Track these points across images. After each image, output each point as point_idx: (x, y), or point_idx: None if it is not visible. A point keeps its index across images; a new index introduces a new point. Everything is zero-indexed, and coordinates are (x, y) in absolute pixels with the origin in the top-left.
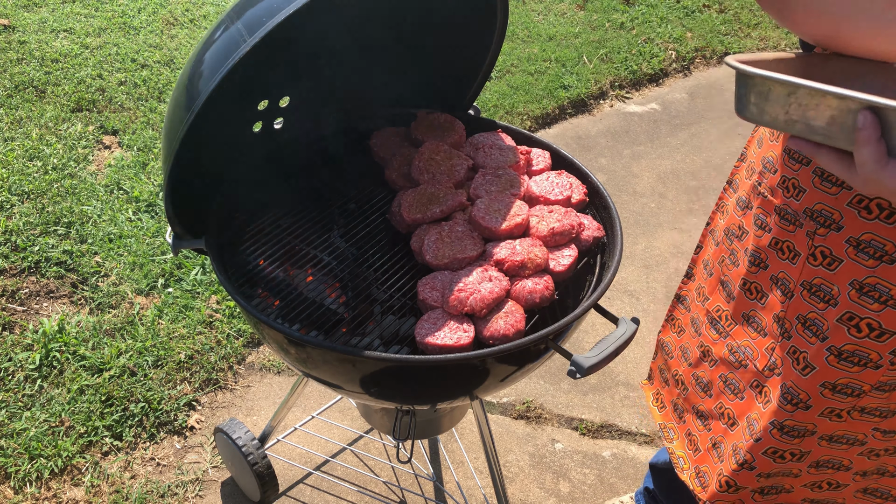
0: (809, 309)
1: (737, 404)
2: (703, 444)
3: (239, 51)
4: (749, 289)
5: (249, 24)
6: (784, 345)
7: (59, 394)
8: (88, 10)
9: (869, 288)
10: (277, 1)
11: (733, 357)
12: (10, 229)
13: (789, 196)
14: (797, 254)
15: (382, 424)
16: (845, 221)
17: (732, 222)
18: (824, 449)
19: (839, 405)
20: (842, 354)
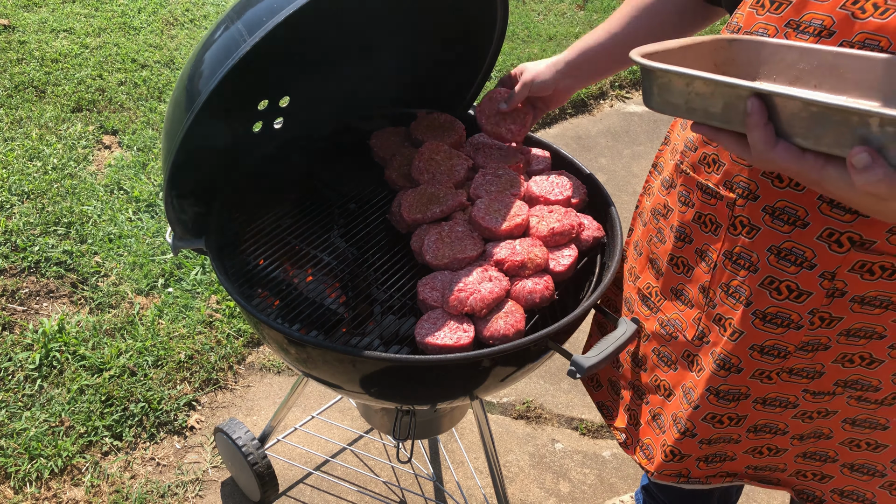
0: (731, 277)
1: (671, 375)
2: (643, 418)
3: (239, 51)
4: (676, 263)
5: (249, 24)
6: (710, 313)
7: (59, 394)
8: (88, 10)
9: (786, 252)
10: (278, 1)
11: (664, 330)
12: (10, 229)
13: (710, 171)
14: (718, 225)
15: (382, 424)
16: (761, 191)
17: (658, 202)
18: (759, 412)
19: (768, 367)
20: (766, 317)
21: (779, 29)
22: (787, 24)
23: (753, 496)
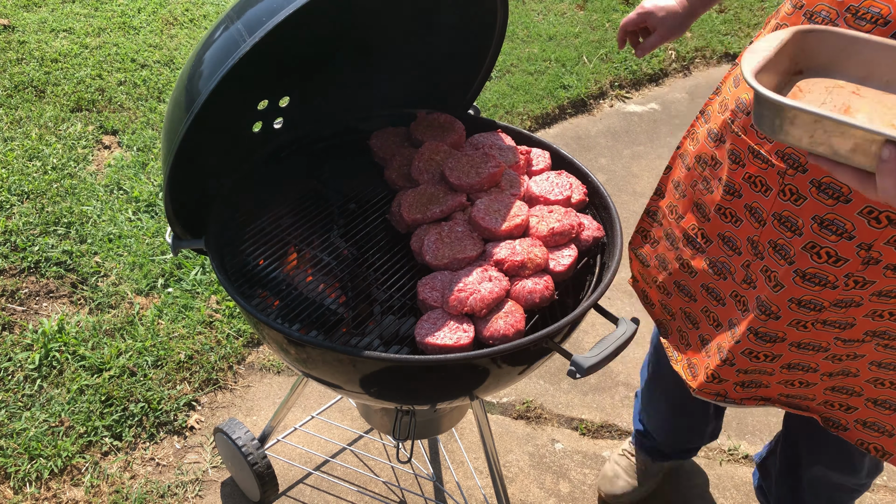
0: (779, 236)
1: (720, 309)
2: (693, 340)
3: (238, 51)
4: (724, 213)
5: (249, 24)
6: (758, 264)
7: (58, 394)
8: (88, 10)
9: (828, 223)
10: (278, 1)
11: (713, 269)
12: (9, 229)
13: (761, 138)
14: (769, 188)
15: (382, 424)
16: (809, 165)
17: (704, 151)
18: (794, 354)
19: (804, 318)
20: (805, 276)
21: (839, 13)
22: (847, 10)
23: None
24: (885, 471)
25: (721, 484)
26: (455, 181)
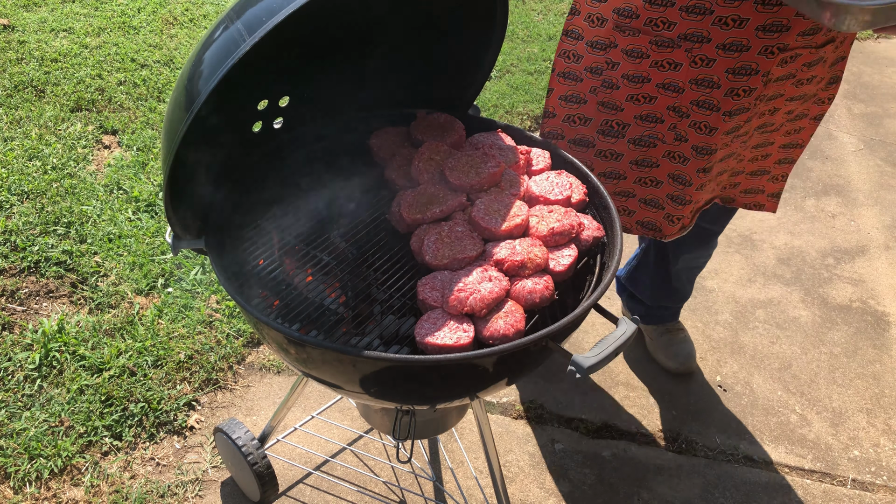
0: (699, 94)
1: (655, 171)
2: (634, 206)
3: (238, 51)
4: (635, 98)
5: (249, 24)
6: (685, 121)
7: (58, 394)
8: (88, 10)
9: (739, 69)
10: (278, 1)
11: (639, 145)
12: (9, 229)
13: (659, 29)
14: (679, 64)
15: (382, 424)
16: (712, 35)
17: (594, 62)
18: (721, 163)
19: (731, 143)
20: (731, 113)
21: None
22: None
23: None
24: (885, 471)
25: (721, 484)
26: (455, 181)
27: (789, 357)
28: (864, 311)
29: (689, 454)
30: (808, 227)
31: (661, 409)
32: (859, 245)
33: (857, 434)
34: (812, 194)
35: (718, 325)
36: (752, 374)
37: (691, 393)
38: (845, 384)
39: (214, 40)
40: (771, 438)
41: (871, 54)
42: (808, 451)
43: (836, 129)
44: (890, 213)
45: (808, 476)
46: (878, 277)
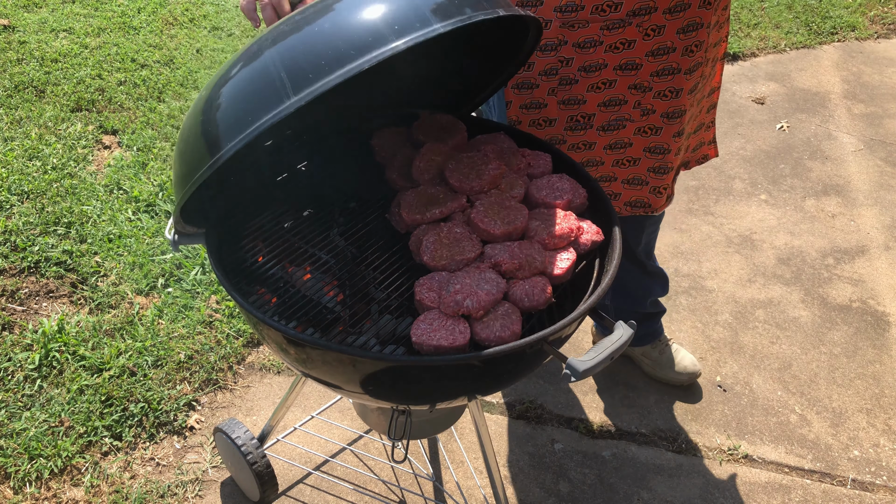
0: (657, 63)
1: (630, 150)
2: (618, 188)
3: (280, 110)
4: (595, 87)
5: (295, 78)
6: (648, 94)
7: (58, 394)
8: (88, 10)
9: (687, 26)
10: (327, 56)
11: (608, 130)
12: (9, 229)
13: (607, 14)
14: (632, 41)
15: (379, 424)
16: (658, 3)
17: (547, 65)
18: (690, 112)
19: (695, 97)
20: (691, 70)
21: None
22: None
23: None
24: (885, 471)
25: (721, 484)
26: (455, 183)
27: (789, 357)
28: (864, 311)
29: (689, 454)
30: (808, 227)
31: (661, 409)
32: (859, 245)
33: (857, 434)
34: (812, 194)
35: (718, 325)
36: (752, 374)
37: (691, 393)
38: (845, 384)
39: (250, 79)
40: (771, 438)
41: (871, 54)
42: (808, 451)
43: (836, 129)
44: (890, 213)
45: (808, 476)
46: (878, 277)
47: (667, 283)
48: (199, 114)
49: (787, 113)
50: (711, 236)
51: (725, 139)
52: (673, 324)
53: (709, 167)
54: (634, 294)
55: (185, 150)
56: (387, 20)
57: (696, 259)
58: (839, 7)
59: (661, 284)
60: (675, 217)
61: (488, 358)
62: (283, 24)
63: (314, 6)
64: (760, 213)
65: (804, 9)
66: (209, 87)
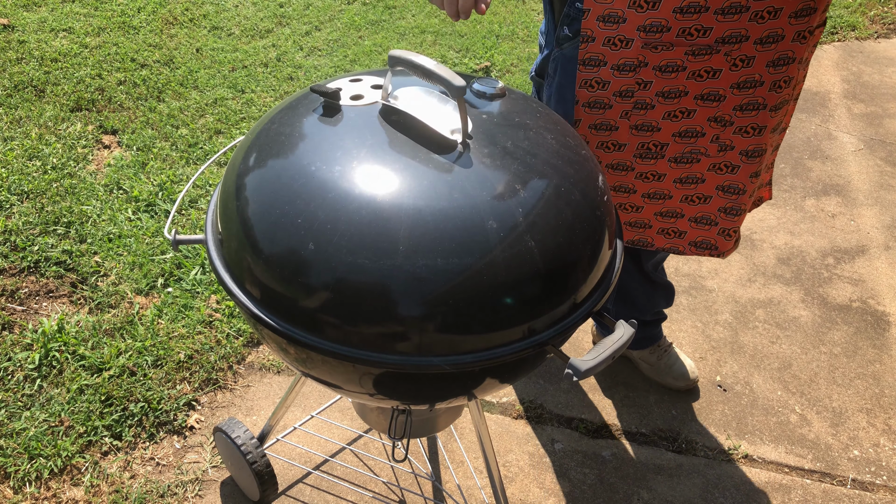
0: (742, 97)
1: (702, 186)
2: (684, 226)
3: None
4: (672, 115)
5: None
6: (728, 129)
7: (58, 394)
8: (88, 10)
9: (777, 60)
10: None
11: (680, 162)
12: (9, 229)
13: (694, 38)
14: (718, 70)
15: (378, 423)
16: (750, 32)
17: (622, 85)
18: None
19: (778, 137)
20: (777, 107)
21: None
22: None
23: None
24: (885, 471)
25: (721, 484)
26: None
27: (789, 357)
28: (864, 311)
29: (689, 454)
30: (808, 226)
31: (661, 409)
32: (859, 245)
33: (857, 434)
34: (812, 194)
35: (718, 324)
36: (752, 374)
37: (691, 393)
38: (845, 384)
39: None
40: (771, 438)
41: (871, 54)
42: (808, 451)
43: (836, 129)
44: (890, 213)
45: (808, 476)
46: (878, 277)
47: (672, 295)
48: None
49: None
50: None
51: None
52: (673, 324)
53: None
54: (638, 304)
55: (266, 225)
56: None
57: (696, 259)
58: (839, 7)
59: (665, 297)
60: None
61: (490, 358)
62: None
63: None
64: (760, 212)
65: None
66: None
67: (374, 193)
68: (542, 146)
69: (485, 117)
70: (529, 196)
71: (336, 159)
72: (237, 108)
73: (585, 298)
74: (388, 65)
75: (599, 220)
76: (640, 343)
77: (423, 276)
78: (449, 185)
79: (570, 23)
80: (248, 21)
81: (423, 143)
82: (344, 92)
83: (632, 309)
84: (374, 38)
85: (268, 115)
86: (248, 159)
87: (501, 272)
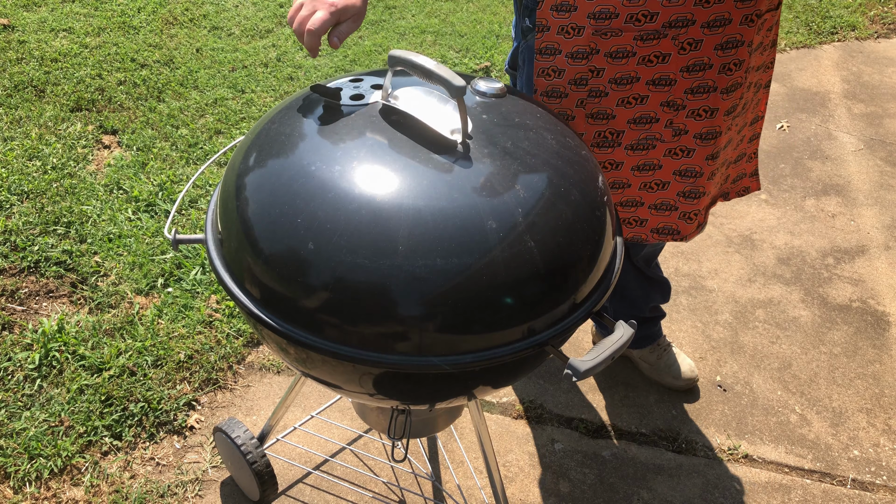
0: (692, 80)
1: (659, 173)
2: (645, 214)
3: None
4: (626, 101)
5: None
6: (681, 113)
7: (58, 394)
8: (88, 10)
9: (726, 44)
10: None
11: (637, 149)
12: (9, 229)
13: (641, 23)
14: (667, 55)
15: (378, 423)
16: (696, 16)
17: (577, 72)
18: (726, 136)
19: (731, 120)
20: (728, 90)
21: None
22: None
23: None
24: (885, 471)
25: (721, 484)
26: None
27: (789, 357)
28: (864, 311)
29: (689, 454)
30: (808, 226)
31: (661, 409)
32: (859, 245)
33: (857, 434)
34: (812, 194)
35: (718, 325)
36: (752, 374)
37: (691, 393)
38: (845, 384)
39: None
40: (771, 438)
41: (871, 54)
42: (808, 451)
43: (836, 129)
44: (890, 213)
45: (808, 476)
46: (878, 277)
47: (668, 290)
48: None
49: (787, 113)
50: (711, 236)
51: None
52: (673, 323)
53: None
54: (634, 299)
55: (274, 228)
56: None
57: (696, 259)
58: (839, 7)
59: (661, 292)
60: None
61: (490, 358)
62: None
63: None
64: (760, 212)
65: (804, 8)
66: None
67: (374, 193)
68: (542, 146)
69: (485, 117)
70: (529, 196)
71: (336, 159)
72: (237, 108)
73: (585, 298)
74: (388, 65)
75: (599, 221)
76: (639, 342)
77: (423, 275)
78: (448, 185)
79: (530, 14)
80: (248, 21)
81: (422, 143)
82: (344, 92)
83: (628, 305)
84: (374, 38)
85: (268, 115)
86: (248, 159)
87: (501, 272)
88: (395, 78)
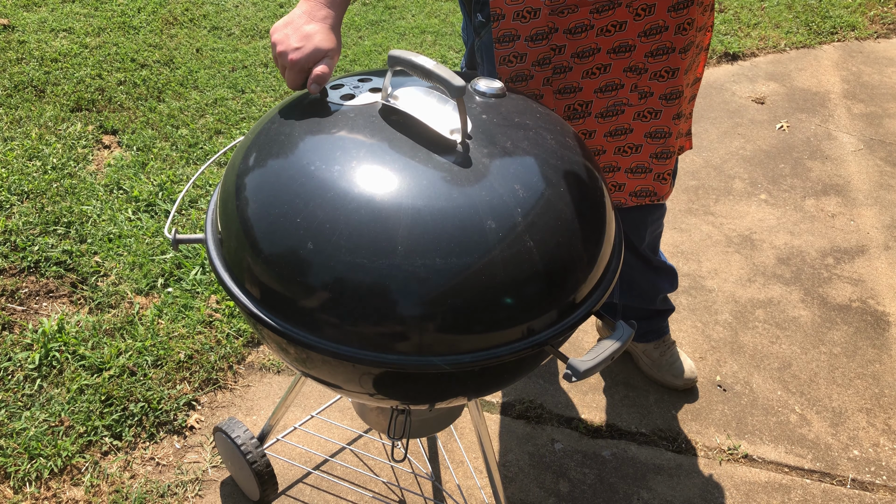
0: (651, 43)
1: (631, 136)
2: (622, 178)
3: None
4: (590, 73)
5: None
6: (644, 76)
7: (58, 393)
8: (88, 10)
9: (678, 3)
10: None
11: (607, 116)
12: (9, 229)
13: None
14: (623, 23)
15: (378, 423)
16: None
17: (540, 54)
18: (687, 93)
19: (690, 78)
20: (685, 49)
21: None
22: None
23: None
24: (885, 471)
25: (721, 483)
26: None
27: (789, 357)
28: (864, 311)
29: (689, 454)
30: (808, 226)
31: (661, 408)
32: (859, 245)
33: (857, 434)
34: (812, 194)
35: (718, 324)
36: (752, 374)
37: (691, 393)
38: (845, 384)
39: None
40: (771, 438)
41: (871, 54)
42: (807, 451)
43: (836, 129)
44: (890, 213)
45: (808, 476)
46: (878, 277)
47: (675, 277)
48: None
49: (787, 113)
50: (711, 236)
51: (725, 139)
52: (673, 323)
53: (708, 167)
54: (643, 291)
55: (277, 230)
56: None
57: (696, 259)
58: (839, 7)
59: (668, 280)
60: (675, 217)
61: (490, 358)
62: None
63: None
64: (760, 212)
65: (804, 8)
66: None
67: (374, 193)
68: (542, 146)
69: (484, 117)
70: (528, 196)
71: (335, 159)
72: (237, 108)
73: (585, 298)
74: (388, 65)
75: (599, 220)
76: (646, 336)
77: (422, 275)
78: (448, 185)
79: (482, 8)
80: (248, 21)
81: (422, 143)
82: (344, 92)
83: (636, 296)
84: (374, 38)
85: (268, 115)
86: (247, 159)
87: (500, 272)
88: (395, 78)
